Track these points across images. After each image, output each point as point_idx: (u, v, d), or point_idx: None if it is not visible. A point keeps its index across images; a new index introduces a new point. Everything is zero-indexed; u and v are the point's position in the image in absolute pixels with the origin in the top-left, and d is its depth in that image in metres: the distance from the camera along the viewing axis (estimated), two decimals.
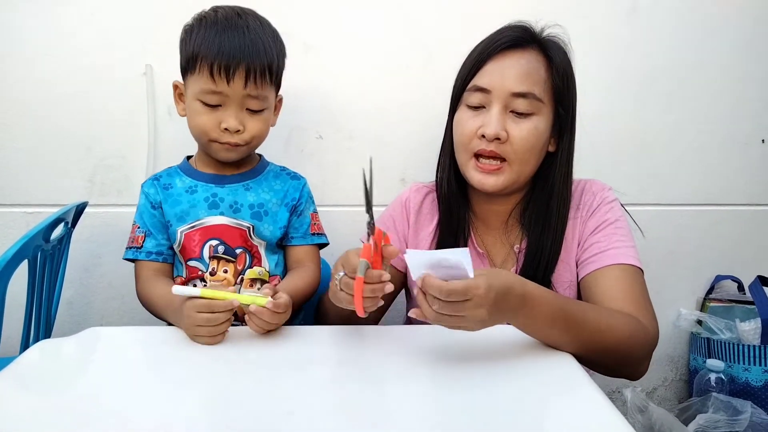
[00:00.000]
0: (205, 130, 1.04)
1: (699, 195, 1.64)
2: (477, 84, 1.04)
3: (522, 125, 1.01)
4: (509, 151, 1.02)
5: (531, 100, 1.01)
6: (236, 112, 1.03)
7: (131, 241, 1.11)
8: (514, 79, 1.01)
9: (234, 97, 1.02)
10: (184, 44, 1.05)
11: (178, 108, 1.11)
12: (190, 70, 1.03)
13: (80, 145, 1.41)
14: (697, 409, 1.41)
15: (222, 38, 1.00)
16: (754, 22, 1.56)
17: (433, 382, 0.78)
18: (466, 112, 1.06)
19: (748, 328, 1.52)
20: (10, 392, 0.73)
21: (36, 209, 1.41)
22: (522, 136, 1.01)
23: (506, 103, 1.01)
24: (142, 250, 1.09)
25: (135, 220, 1.12)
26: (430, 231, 1.17)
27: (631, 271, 1.01)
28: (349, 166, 1.50)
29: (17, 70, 1.36)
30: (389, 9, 1.45)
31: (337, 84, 1.46)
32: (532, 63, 1.02)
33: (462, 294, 0.73)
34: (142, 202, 1.11)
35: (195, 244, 1.07)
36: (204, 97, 1.02)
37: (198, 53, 1.00)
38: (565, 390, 0.76)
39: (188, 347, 0.88)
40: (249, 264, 1.09)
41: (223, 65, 0.99)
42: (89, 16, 1.36)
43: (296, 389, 0.74)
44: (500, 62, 1.03)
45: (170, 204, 1.09)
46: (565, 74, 1.04)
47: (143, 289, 1.07)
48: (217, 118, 1.03)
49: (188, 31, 1.05)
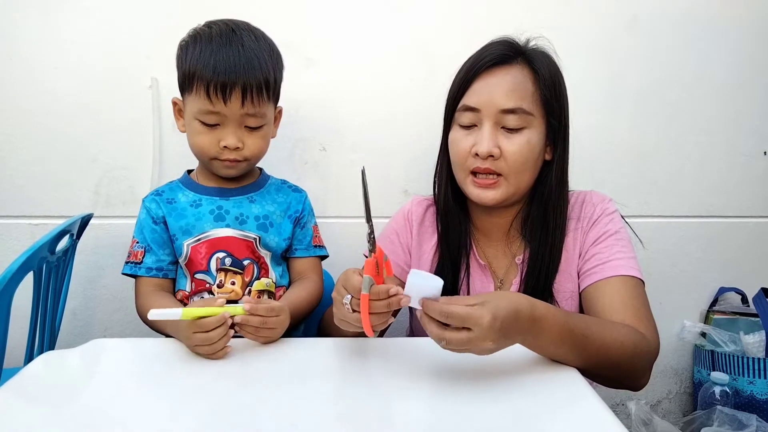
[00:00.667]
0: (204, 149, 1.05)
1: (701, 207, 1.64)
2: (466, 104, 1.05)
3: (514, 140, 1.03)
4: (503, 166, 1.03)
5: (520, 115, 1.02)
6: (235, 130, 1.03)
7: (130, 256, 1.10)
8: (502, 95, 1.02)
9: (232, 117, 1.02)
10: (180, 61, 1.04)
11: (178, 124, 1.11)
12: (187, 89, 1.03)
13: (86, 156, 1.42)
14: (701, 423, 1.39)
15: (217, 57, 0.99)
16: (754, 33, 1.57)
17: (436, 395, 0.78)
18: (459, 131, 1.07)
19: (752, 341, 1.51)
20: (15, 404, 0.73)
21: (41, 221, 1.42)
22: (514, 151, 1.02)
23: (496, 119, 1.03)
24: (142, 266, 1.08)
25: (134, 234, 1.11)
26: (432, 244, 1.17)
27: (633, 283, 1.01)
28: (353, 178, 1.51)
29: (23, 82, 1.38)
30: (391, 21, 1.46)
31: (340, 96, 1.47)
32: (519, 78, 1.03)
33: (462, 320, 0.73)
34: (143, 217, 1.10)
35: (202, 257, 1.07)
36: (202, 117, 1.02)
37: (194, 73, 1.00)
38: (568, 404, 0.76)
39: (192, 359, 0.88)
40: (257, 275, 1.09)
41: (219, 85, 0.98)
42: (95, 29, 1.38)
43: (299, 401, 0.74)
44: (487, 80, 1.04)
45: (175, 218, 1.08)
46: (552, 84, 1.04)
47: (143, 305, 1.05)
48: (216, 137, 1.03)
49: (183, 48, 1.05)
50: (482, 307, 0.74)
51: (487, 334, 0.73)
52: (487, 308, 0.74)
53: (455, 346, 0.75)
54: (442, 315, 0.73)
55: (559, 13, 1.50)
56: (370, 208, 0.79)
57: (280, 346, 0.94)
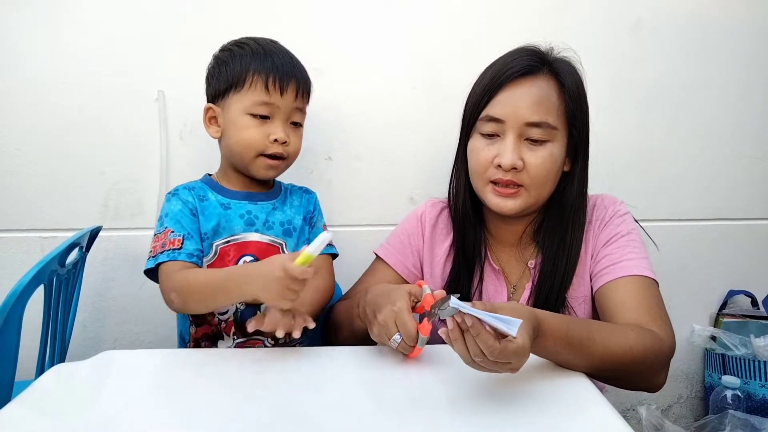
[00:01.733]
0: (253, 144, 1.07)
1: (709, 209, 1.63)
2: (490, 114, 1.04)
3: (537, 153, 1.02)
4: (526, 178, 1.03)
5: (545, 129, 1.02)
6: (283, 124, 1.08)
7: (163, 246, 1.03)
8: (527, 108, 1.01)
9: (284, 109, 1.08)
10: (225, 68, 1.08)
11: (211, 131, 1.12)
12: (235, 89, 1.07)
13: (94, 169, 1.43)
14: (713, 427, 1.38)
15: (273, 58, 1.07)
16: (759, 36, 1.57)
17: (445, 402, 0.78)
18: (480, 140, 1.06)
19: (763, 344, 1.50)
20: (28, 416, 0.73)
21: (51, 234, 1.43)
22: (538, 164, 1.02)
23: (520, 132, 1.02)
24: (182, 251, 1.02)
25: (167, 225, 1.05)
26: (445, 248, 1.17)
27: (646, 283, 1.00)
28: (358, 187, 1.51)
29: (31, 97, 1.39)
30: (396, 30, 1.47)
31: (345, 105, 1.48)
32: (544, 90, 1.02)
33: (511, 356, 0.72)
34: (179, 208, 1.06)
35: (230, 259, 1.08)
36: (255, 109, 1.06)
37: (248, 70, 1.06)
38: (578, 410, 0.76)
39: (202, 370, 0.88)
40: None
41: (278, 78, 1.06)
42: (101, 42, 1.39)
43: (311, 412, 0.74)
44: (512, 91, 1.03)
45: (207, 216, 1.08)
46: (577, 96, 1.05)
47: (181, 278, 0.99)
48: (265, 131, 1.07)
49: (228, 56, 1.09)
50: (523, 340, 0.72)
51: (522, 363, 0.74)
52: (524, 334, 0.73)
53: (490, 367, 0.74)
54: (494, 353, 0.71)
55: (563, 17, 1.50)
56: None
57: (289, 357, 0.94)
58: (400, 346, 0.86)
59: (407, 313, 0.86)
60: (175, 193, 1.10)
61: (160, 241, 1.05)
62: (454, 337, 0.73)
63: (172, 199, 1.09)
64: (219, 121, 1.10)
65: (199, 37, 1.34)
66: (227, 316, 1.08)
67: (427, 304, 0.87)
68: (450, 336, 0.73)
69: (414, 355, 0.87)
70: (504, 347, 0.71)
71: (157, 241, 1.05)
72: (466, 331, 0.72)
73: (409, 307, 0.87)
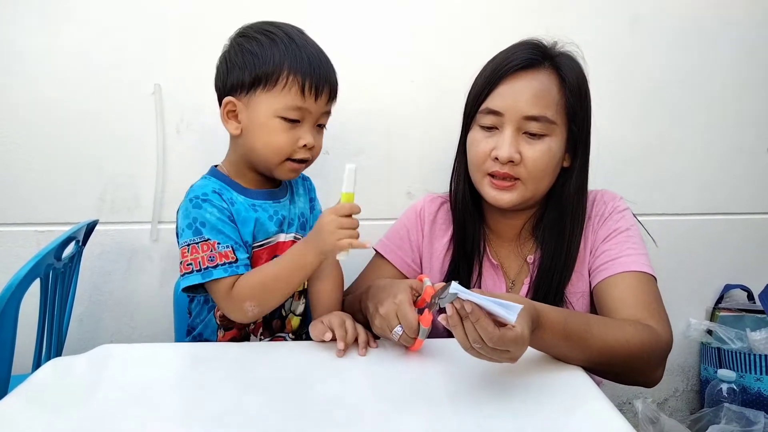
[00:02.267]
0: (282, 149, 1.00)
1: (706, 204, 1.64)
2: (489, 107, 1.04)
3: (536, 147, 1.02)
4: (523, 172, 1.02)
5: (544, 123, 1.01)
6: (311, 128, 1.02)
7: (211, 260, 0.96)
8: (527, 102, 1.00)
9: (315, 114, 1.01)
10: (253, 58, 0.98)
11: (229, 126, 1.02)
12: (265, 86, 0.98)
13: (90, 164, 1.43)
14: (709, 420, 1.39)
15: (308, 56, 0.99)
16: (756, 31, 1.57)
17: (444, 396, 0.78)
18: (479, 132, 1.06)
19: (759, 338, 1.51)
20: (24, 410, 0.73)
21: (47, 228, 1.43)
22: (535, 158, 1.01)
23: (519, 125, 1.02)
24: (239, 263, 0.97)
25: (208, 236, 0.97)
26: (444, 242, 1.17)
27: (644, 278, 1.01)
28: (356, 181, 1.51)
29: (27, 91, 1.39)
30: (395, 25, 1.47)
31: (342, 100, 1.47)
32: (545, 84, 1.02)
33: (509, 344, 0.72)
34: (216, 217, 0.98)
35: (262, 262, 1.04)
36: (287, 113, 0.98)
37: (282, 67, 0.97)
38: (575, 403, 0.76)
39: (199, 364, 0.88)
40: None
41: (315, 83, 0.98)
42: (98, 36, 1.39)
43: (307, 405, 0.74)
44: (512, 84, 1.02)
45: (242, 221, 1.02)
46: (578, 91, 1.03)
47: (247, 286, 0.96)
48: (294, 135, 1.00)
49: (256, 46, 0.99)
50: (519, 324, 0.72)
51: (521, 352, 0.75)
52: (523, 323, 0.73)
53: (489, 354, 0.74)
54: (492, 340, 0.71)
55: (561, 13, 1.50)
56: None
57: (285, 350, 0.94)
58: (401, 338, 0.87)
59: (409, 305, 0.86)
60: (206, 199, 1.00)
61: (203, 254, 0.97)
62: (453, 323, 0.73)
63: (204, 205, 0.99)
64: (240, 117, 1.00)
65: (197, 31, 1.33)
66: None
67: (427, 295, 0.87)
68: (449, 322, 0.74)
69: (415, 347, 0.87)
70: (503, 334, 0.71)
71: (198, 252, 0.97)
72: (465, 317, 0.72)
73: (411, 300, 0.87)
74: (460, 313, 0.72)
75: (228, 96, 1.00)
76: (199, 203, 0.99)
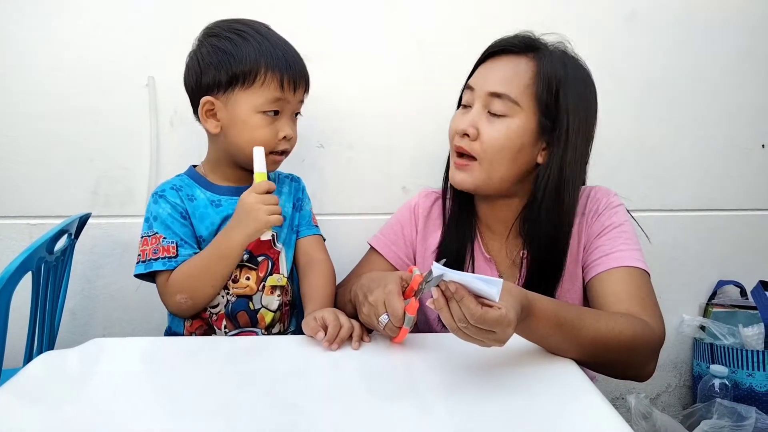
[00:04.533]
0: (265, 143, 1.03)
1: (700, 200, 1.64)
2: (468, 83, 1.08)
3: (494, 125, 1.03)
4: (478, 149, 1.03)
5: (506, 102, 1.01)
6: (289, 120, 1.07)
7: (155, 252, 1.02)
8: (494, 79, 1.04)
9: (292, 105, 1.06)
10: (228, 58, 1.00)
11: (209, 125, 1.05)
12: (243, 84, 1.00)
13: (83, 157, 1.42)
14: (701, 415, 1.40)
15: (281, 50, 1.03)
16: (752, 27, 1.57)
17: (436, 390, 0.78)
18: (458, 110, 1.10)
19: (751, 334, 1.52)
20: (15, 404, 0.73)
21: (39, 221, 1.42)
22: (491, 136, 1.02)
23: (484, 102, 1.04)
24: (178, 259, 1.02)
25: (156, 230, 1.03)
26: (438, 237, 1.17)
27: (637, 274, 1.01)
28: (350, 175, 1.51)
29: (20, 83, 1.37)
30: (390, 18, 1.46)
31: (337, 93, 1.47)
32: (519, 68, 1.03)
33: (493, 324, 0.72)
34: (168, 212, 1.04)
35: None
36: (268, 107, 1.02)
37: (258, 65, 1.00)
38: (568, 398, 0.76)
39: (191, 358, 0.88)
40: (270, 271, 1.10)
41: (292, 77, 1.02)
42: (91, 28, 1.38)
43: (300, 399, 0.74)
44: (491, 65, 1.06)
45: (198, 218, 1.05)
46: (553, 85, 1.01)
47: (178, 278, 1.00)
48: (274, 129, 1.04)
49: (230, 46, 1.01)
50: (504, 304, 0.73)
51: (507, 335, 0.75)
52: (509, 304, 0.74)
53: (474, 335, 0.74)
54: (474, 318, 0.71)
55: (558, 8, 1.49)
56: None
57: (278, 344, 0.94)
58: (386, 327, 0.86)
59: (397, 294, 0.86)
60: (162, 195, 1.06)
61: (150, 246, 1.03)
62: (439, 305, 0.74)
63: (160, 201, 1.05)
64: (219, 115, 1.03)
65: (190, 23, 1.32)
66: (218, 309, 1.07)
67: (415, 284, 0.87)
68: (435, 305, 0.74)
69: (399, 338, 0.87)
70: (484, 312, 0.71)
71: (147, 245, 1.03)
72: (450, 298, 0.73)
73: (400, 290, 0.87)
74: (446, 294, 0.73)
75: (205, 95, 1.03)
76: (157, 198, 1.06)
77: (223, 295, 1.06)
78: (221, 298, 1.07)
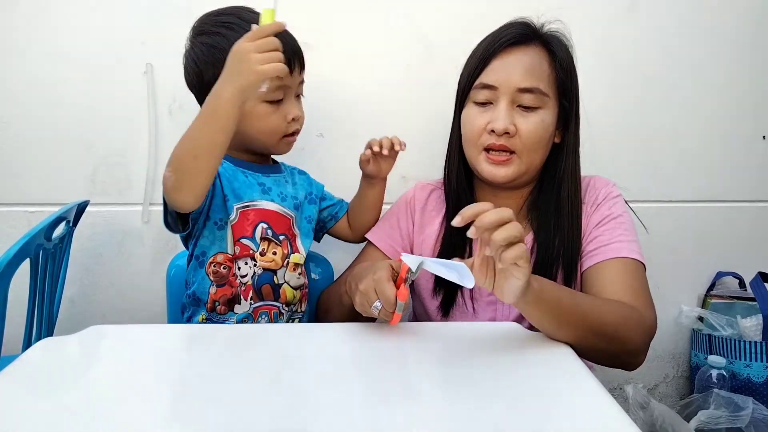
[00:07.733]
0: (276, 129, 1.07)
1: (700, 192, 1.64)
2: (483, 81, 1.06)
3: (530, 119, 1.04)
4: (518, 144, 1.04)
5: (537, 95, 1.03)
6: (293, 101, 1.09)
7: None
8: (520, 75, 1.03)
9: (293, 86, 1.07)
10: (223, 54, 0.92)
11: None
12: None
13: (81, 144, 1.41)
14: (698, 406, 1.40)
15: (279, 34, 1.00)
16: (755, 18, 1.56)
17: (436, 377, 0.78)
18: (474, 108, 1.08)
19: (749, 325, 1.52)
20: (13, 391, 0.73)
21: (37, 208, 1.41)
22: (530, 129, 1.03)
23: (513, 98, 1.04)
24: None
25: None
26: (435, 228, 1.18)
27: (633, 265, 1.02)
28: (350, 165, 1.50)
29: (18, 70, 1.37)
30: (390, 8, 1.45)
31: (337, 82, 1.46)
32: (536, 58, 1.05)
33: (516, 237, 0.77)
34: None
35: (249, 224, 1.08)
36: (271, 96, 1.04)
37: None
38: (567, 386, 0.76)
39: (191, 345, 0.88)
40: (291, 251, 1.12)
41: (288, 59, 0.99)
42: (89, 15, 1.37)
43: (299, 387, 0.74)
44: (505, 59, 1.05)
45: (227, 178, 1.07)
46: (567, 68, 1.07)
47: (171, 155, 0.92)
48: (282, 113, 1.06)
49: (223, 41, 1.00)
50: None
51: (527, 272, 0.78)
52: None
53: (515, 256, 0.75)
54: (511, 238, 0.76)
55: None
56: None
57: (281, 332, 0.94)
58: (380, 312, 0.87)
59: (387, 281, 0.86)
60: None
61: None
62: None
63: None
64: None
65: (189, 10, 1.30)
66: (246, 279, 1.08)
67: (404, 272, 0.88)
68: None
69: (394, 321, 0.88)
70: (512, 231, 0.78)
71: None
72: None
73: (390, 277, 0.88)
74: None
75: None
76: None
77: (251, 266, 1.08)
78: (249, 269, 1.07)
